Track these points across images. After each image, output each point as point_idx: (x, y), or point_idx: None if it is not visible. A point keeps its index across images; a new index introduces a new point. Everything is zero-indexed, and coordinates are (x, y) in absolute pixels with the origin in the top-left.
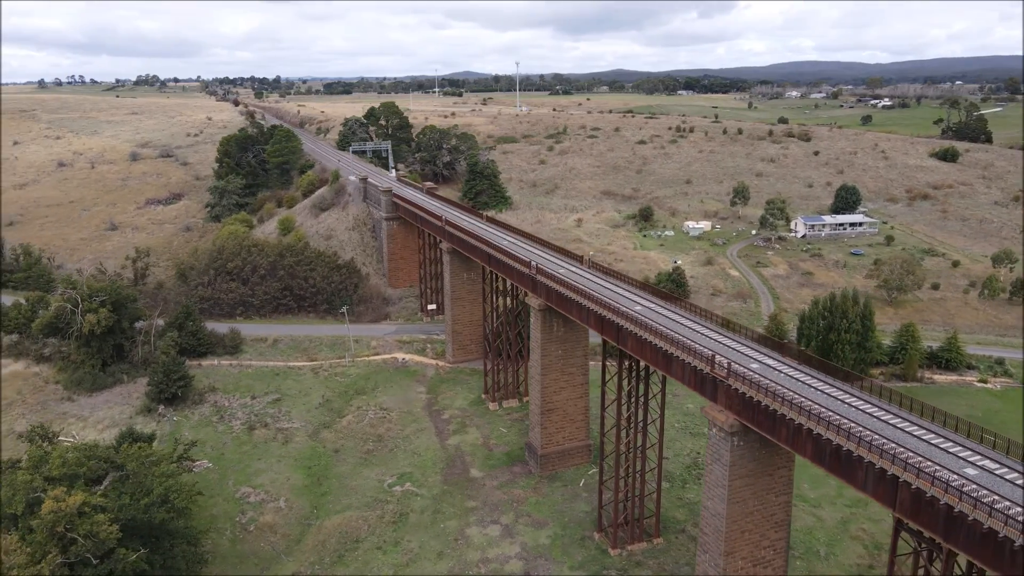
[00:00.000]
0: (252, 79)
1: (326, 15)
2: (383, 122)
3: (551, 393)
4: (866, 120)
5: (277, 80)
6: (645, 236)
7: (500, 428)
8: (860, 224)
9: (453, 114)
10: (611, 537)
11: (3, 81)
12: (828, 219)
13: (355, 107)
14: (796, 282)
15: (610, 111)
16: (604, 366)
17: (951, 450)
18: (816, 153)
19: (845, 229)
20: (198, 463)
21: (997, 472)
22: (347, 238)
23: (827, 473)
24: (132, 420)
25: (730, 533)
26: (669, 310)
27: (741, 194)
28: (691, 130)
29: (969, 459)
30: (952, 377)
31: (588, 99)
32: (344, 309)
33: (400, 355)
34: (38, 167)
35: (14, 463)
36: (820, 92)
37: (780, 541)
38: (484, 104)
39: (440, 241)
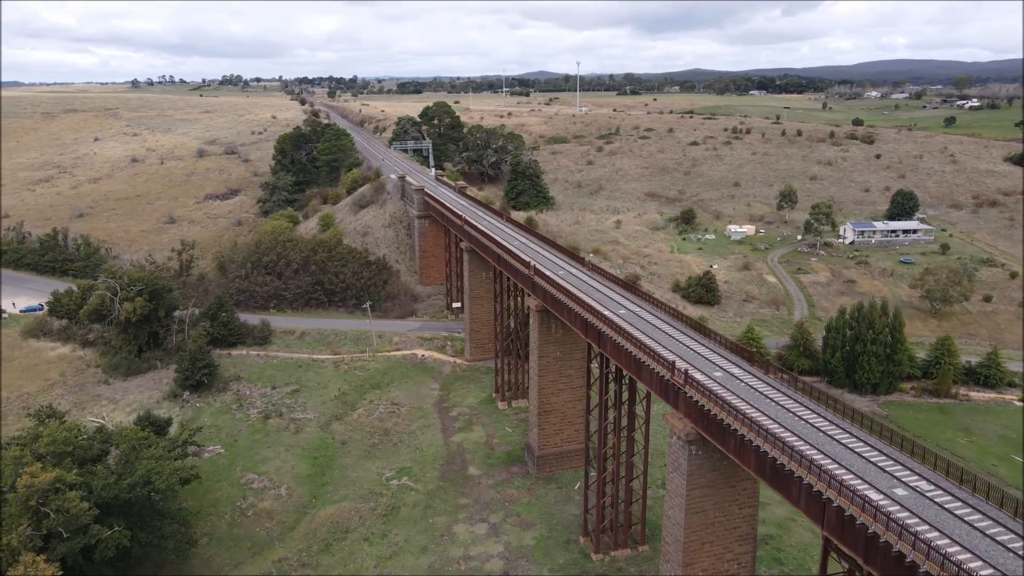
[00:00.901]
0: (330, 79)
1: (404, 16)
2: (435, 121)
3: (549, 395)
4: (949, 122)
5: (353, 80)
6: (684, 239)
7: (506, 427)
8: (914, 231)
9: (509, 114)
10: (595, 542)
11: (102, 81)
12: (880, 225)
13: (417, 106)
14: (836, 290)
15: (670, 112)
16: (588, 369)
17: (889, 468)
18: (878, 156)
19: (898, 236)
20: (210, 448)
21: (929, 494)
22: (382, 235)
23: (769, 486)
24: (158, 404)
25: (689, 544)
26: (653, 315)
27: (788, 198)
28: (748, 131)
29: (904, 479)
30: (990, 395)
31: (655, 99)
32: (367, 305)
33: (420, 351)
34: (113, 162)
35: (12, 441)
36: (903, 92)
37: (745, 555)
38: (547, 104)
39: (461, 240)
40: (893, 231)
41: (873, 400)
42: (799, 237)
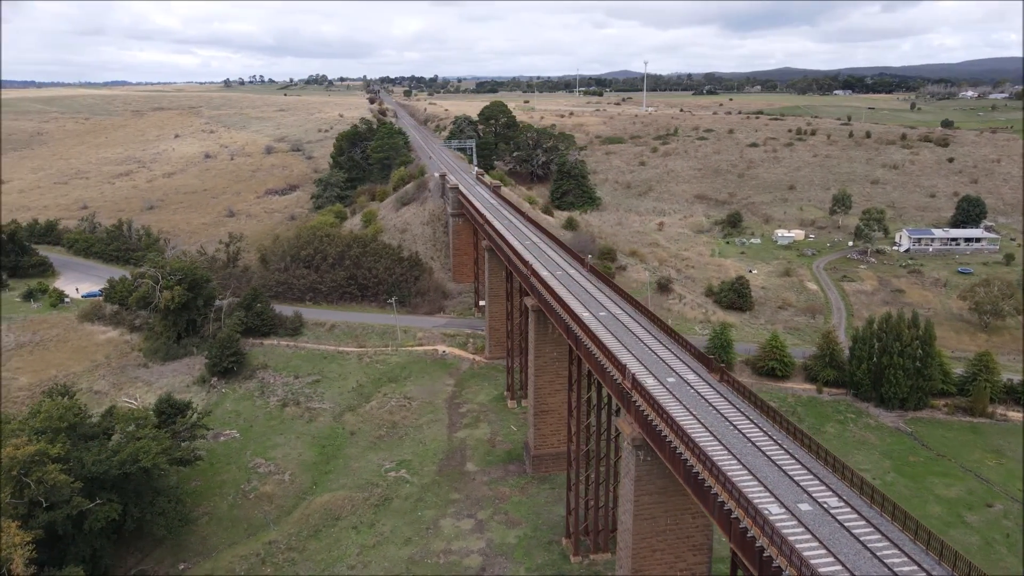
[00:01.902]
0: (412, 78)
1: (488, 16)
2: (492, 121)
3: (545, 395)
4: None
5: (434, 79)
6: (728, 243)
7: (511, 426)
8: (978, 240)
9: (571, 113)
10: (574, 544)
11: (201, 80)
12: (939, 233)
13: (483, 106)
14: (881, 299)
15: (739, 112)
16: (570, 371)
17: (804, 482)
18: (950, 160)
19: (958, 244)
20: (227, 432)
21: (834, 510)
22: (420, 232)
23: (693, 496)
24: (188, 389)
25: (639, 550)
26: (632, 318)
27: (842, 202)
28: (812, 133)
29: (816, 493)
30: None
31: (731, 99)
32: (393, 300)
33: (441, 348)
34: (188, 158)
35: (15, 418)
36: (1002, 92)
37: (700, 566)
38: (617, 104)
39: (483, 239)
40: (953, 239)
41: (900, 415)
42: (850, 244)
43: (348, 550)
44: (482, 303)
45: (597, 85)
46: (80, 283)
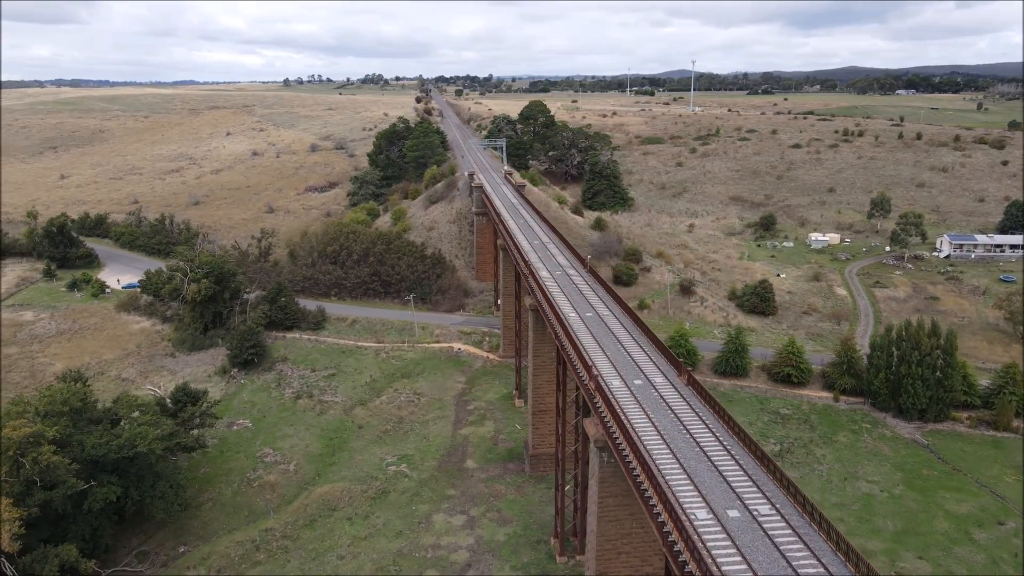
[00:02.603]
0: (466, 77)
1: (547, 15)
2: (530, 120)
3: (543, 395)
4: None
5: (488, 78)
6: (759, 246)
7: (515, 424)
8: None
9: (614, 113)
10: (560, 544)
11: (264, 80)
12: (982, 239)
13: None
14: (912, 307)
15: (789, 112)
16: (557, 372)
17: (740, 488)
18: (1004, 163)
19: (1003, 251)
20: (240, 422)
21: (761, 517)
22: (446, 230)
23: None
24: (209, 379)
25: (603, 552)
26: (617, 320)
27: (880, 206)
28: (860, 134)
29: (749, 500)
30: None
31: (785, 99)
32: (411, 297)
33: (457, 345)
34: (236, 156)
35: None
36: None
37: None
38: (666, 104)
39: (499, 237)
40: (998, 245)
41: (919, 427)
42: (887, 249)
43: (340, 540)
44: (500, 301)
45: (651, 85)
46: (122, 275)
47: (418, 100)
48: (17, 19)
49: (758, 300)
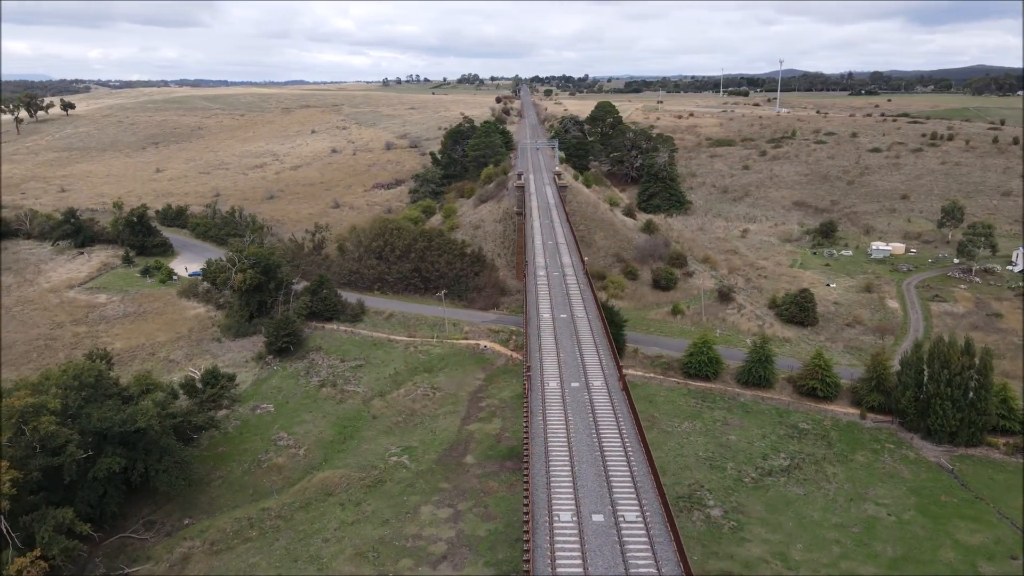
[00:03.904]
0: (562, 77)
1: (649, 14)
2: (598, 121)
3: None
4: None
5: (583, 78)
6: (814, 254)
7: (523, 423)
8: None
9: (691, 114)
10: None
11: (368, 79)
12: None
13: (621, 106)
14: (970, 323)
15: (882, 114)
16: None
17: (619, 493)
18: None
19: None
20: (264, 406)
21: (625, 523)
22: (492, 229)
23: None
24: (245, 364)
25: None
26: (588, 322)
27: (952, 214)
28: (951, 138)
29: (621, 506)
30: None
31: (889, 100)
32: (442, 293)
33: (484, 342)
34: (316, 153)
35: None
36: None
37: None
38: (757, 105)
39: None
40: None
41: (948, 451)
42: (955, 260)
43: (329, 524)
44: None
45: (749, 85)
46: (191, 263)
47: (498, 100)
48: (148, 23)
49: (797, 310)
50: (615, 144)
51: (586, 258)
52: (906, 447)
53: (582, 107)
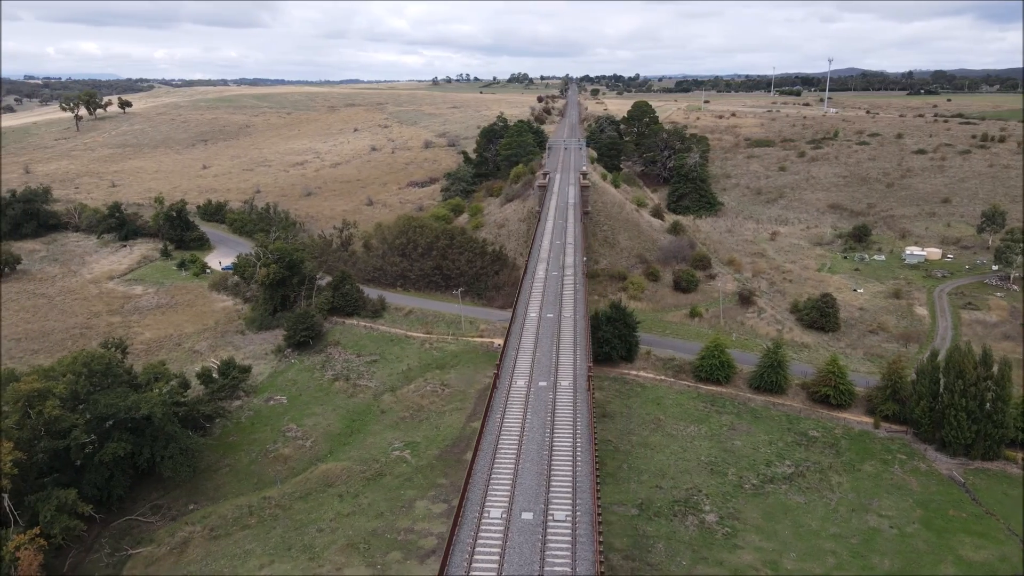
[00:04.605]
0: (613, 76)
1: (706, 12)
2: (634, 121)
3: None
4: None
5: (634, 77)
6: (845, 258)
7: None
8: None
9: (733, 114)
10: None
11: (420, 78)
12: None
13: (667, 105)
14: (1001, 333)
15: (935, 115)
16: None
17: (556, 493)
18: None
19: None
20: (277, 397)
21: (553, 522)
22: (515, 228)
23: None
24: (265, 356)
25: None
26: (572, 322)
27: (993, 219)
28: (1003, 139)
29: (554, 505)
30: None
31: (949, 100)
32: (458, 291)
33: (497, 341)
34: (356, 151)
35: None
36: None
37: None
38: (807, 105)
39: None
40: None
41: (962, 464)
42: (994, 267)
43: (325, 515)
44: None
45: (804, 84)
46: (226, 257)
47: (540, 99)
48: (211, 23)
49: (818, 315)
50: (648, 144)
51: (606, 260)
52: (918, 458)
53: (624, 107)
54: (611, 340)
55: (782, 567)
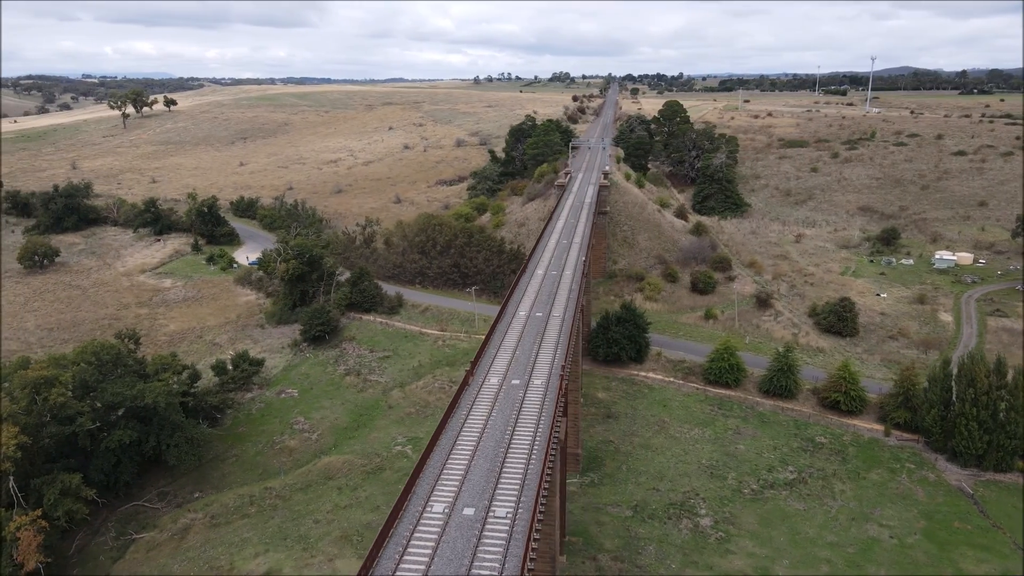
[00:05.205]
0: (655, 76)
1: (753, 10)
2: (666, 121)
3: None
4: None
5: (677, 76)
6: (871, 262)
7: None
8: None
9: (769, 114)
10: None
11: (463, 77)
12: None
13: (705, 105)
14: None
15: (984, 115)
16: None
17: (501, 491)
18: None
19: None
20: (288, 390)
21: (492, 518)
22: (535, 227)
23: None
24: (281, 350)
25: None
26: (560, 321)
27: None
28: None
29: (497, 502)
30: None
31: (1002, 100)
32: (472, 289)
33: None
34: (389, 149)
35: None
36: None
37: (542, 572)
38: (850, 105)
39: None
40: None
41: (973, 475)
42: None
43: (323, 506)
44: None
45: (852, 83)
46: (254, 252)
47: (575, 99)
48: (260, 23)
49: (835, 319)
50: (676, 144)
51: (625, 260)
52: (927, 468)
53: (649, 106)
54: (620, 341)
55: (773, 574)
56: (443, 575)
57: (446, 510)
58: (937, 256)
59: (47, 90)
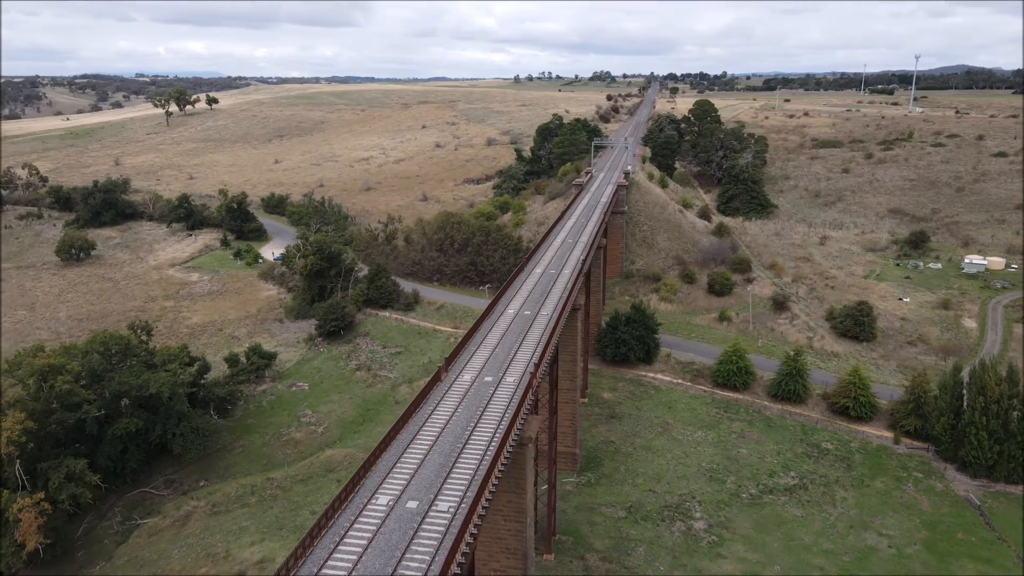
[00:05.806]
0: (699, 75)
1: (803, 8)
2: (696, 121)
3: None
4: None
5: (722, 75)
6: (898, 265)
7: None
8: None
9: (805, 114)
10: None
11: (505, 76)
12: None
13: (743, 105)
14: None
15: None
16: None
17: (448, 486)
18: None
19: None
20: (299, 384)
21: (434, 511)
22: None
23: None
24: (296, 344)
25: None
26: (550, 320)
27: None
28: None
29: (443, 496)
30: None
31: None
32: (484, 287)
33: None
34: (420, 147)
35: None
36: None
37: (514, 570)
38: (895, 104)
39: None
40: None
41: (983, 485)
42: None
43: (321, 498)
44: None
45: (901, 82)
46: (280, 247)
47: (609, 98)
48: (307, 23)
49: (852, 323)
50: (703, 144)
51: (643, 260)
52: (935, 477)
53: (683, 105)
54: (628, 341)
55: (746, 558)
56: (372, 566)
57: (390, 503)
58: (967, 260)
59: (100, 89)
